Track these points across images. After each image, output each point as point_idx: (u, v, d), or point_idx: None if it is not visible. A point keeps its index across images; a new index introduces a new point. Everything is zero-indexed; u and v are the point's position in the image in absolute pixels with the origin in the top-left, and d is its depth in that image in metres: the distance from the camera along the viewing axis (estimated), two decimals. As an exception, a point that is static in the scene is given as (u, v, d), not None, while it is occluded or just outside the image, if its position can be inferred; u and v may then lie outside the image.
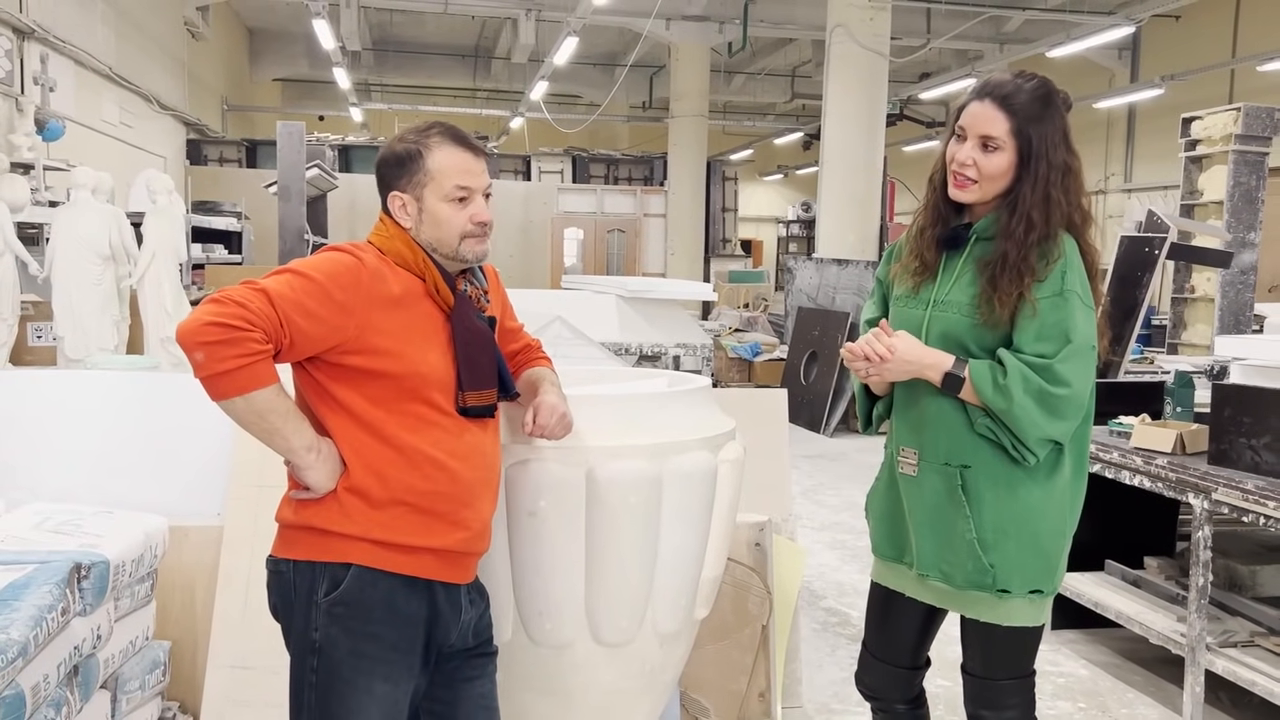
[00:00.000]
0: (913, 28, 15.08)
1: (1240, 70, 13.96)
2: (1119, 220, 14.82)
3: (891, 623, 2.25)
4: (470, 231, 1.90)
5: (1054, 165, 1.97)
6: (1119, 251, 4.95)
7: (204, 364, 1.69)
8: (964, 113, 2.02)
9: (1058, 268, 1.96)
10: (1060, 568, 2.08)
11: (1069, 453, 2.04)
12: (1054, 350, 1.92)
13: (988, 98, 1.98)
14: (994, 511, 2.00)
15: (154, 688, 2.60)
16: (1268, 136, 7.93)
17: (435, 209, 1.89)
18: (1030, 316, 1.95)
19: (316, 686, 1.83)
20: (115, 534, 2.39)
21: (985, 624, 2.08)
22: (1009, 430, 1.95)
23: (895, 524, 2.19)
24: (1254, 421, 3.20)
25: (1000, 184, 1.99)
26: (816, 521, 5.99)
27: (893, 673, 2.27)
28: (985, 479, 2.01)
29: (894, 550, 2.20)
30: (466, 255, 1.92)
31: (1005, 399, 1.92)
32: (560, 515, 2.09)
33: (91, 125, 11.75)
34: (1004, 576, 2.01)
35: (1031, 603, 2.05)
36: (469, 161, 1.90)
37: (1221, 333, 7.74)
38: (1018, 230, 1.96)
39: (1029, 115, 1.96)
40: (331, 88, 20.63)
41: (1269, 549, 3.94)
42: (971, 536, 2.00)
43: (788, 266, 11.36)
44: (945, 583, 2.07)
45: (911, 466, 2.10)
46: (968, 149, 1.99)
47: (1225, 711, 3.46)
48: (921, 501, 2.09)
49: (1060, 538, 2.06)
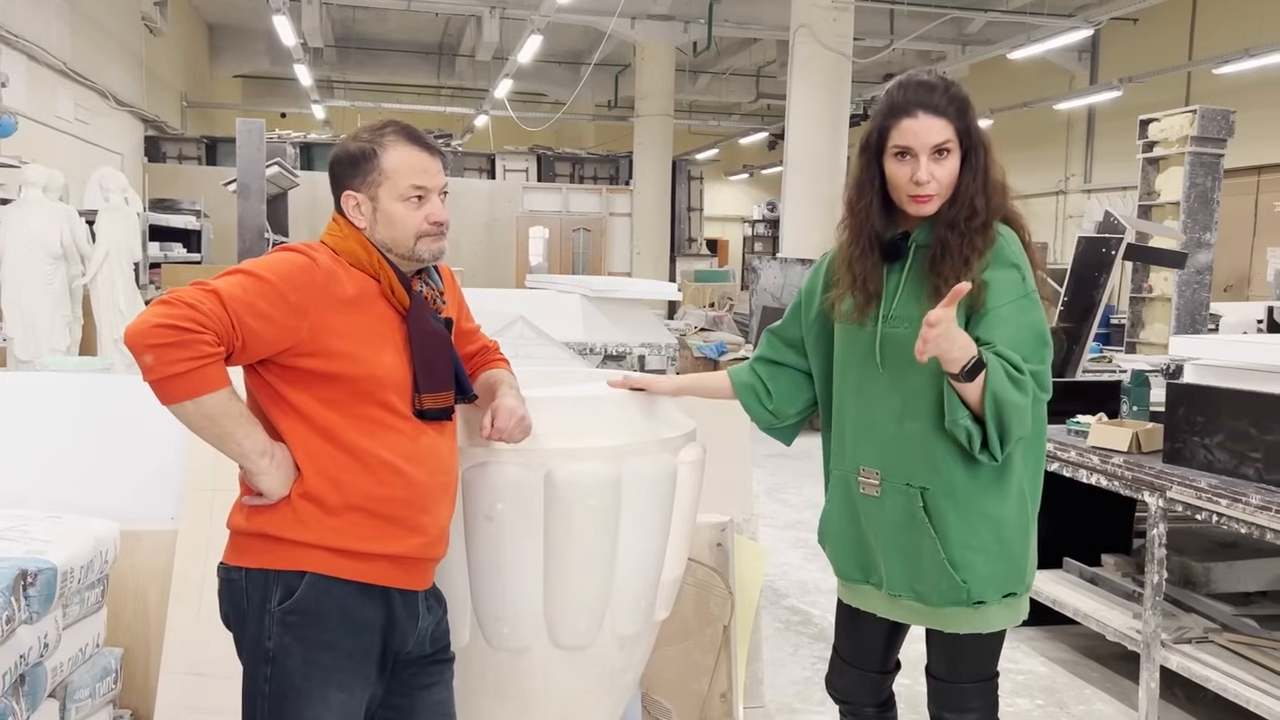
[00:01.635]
0: (876, 29, 15.17)
1: (1196, 73, 14.19)
2: (1079, 220, 15.03)
3: (861, 632, 2.24)
4: (426, 231, 1.88)
5: (987, 151, 1.98)
6: (1076, 251, 5.01)
7: (153, 367, 1.66)
8: (897, 132, 1.95)
9: (1011, 269, 1.95)
10: (1029, 565, 2.08)
11: (1023, 451, 2.02)
12: (1034, 354, 1.92)
13: (919, 110, 1.94)
14: (958, 530, 1.99)
15: (105, 695, 2.55)
16: (1223, 139, 8.06)
17: (390, 209, 1.86)
18: (999, 322, 1.92)
19: (270, 696, 1.79)
20: (63, 539, 2.34)
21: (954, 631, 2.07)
22: (998, 427, 1.87)
23: (858, 546, 2.14)
24: (1207, 420, 3.24)
25: (951, 187, 1.99)
26: (780, 520, 6.01)
27: (863, 677, 2.26)
28: (945, 498, 1.99)
29: (859, 573, 2.17)
30: (422, 254, 1.89)
31: (1023, 393, 1.86)
32: (518, 518, 2.07)
33: (45, 121, 11.54)
34: (978, 590, 2.00)
35: (1008, 606, 2.06)
36: (424, 160, 1.87)
37: (1178, 332, 7.85)
38: (960, 218, 1.95)
39: (961, 110, 1.96)
40: (293, 84, 20.42)
41: (1222, 546, 4.00)
42: (941, 557, 1.99)
43: (753, 266, 11.40)
44: (919, 601, 2.05)
45: (874, 487, 2.06)
46: (925, 165, 1.94)
47: (1180, 707, 3.51)
48: (886, 522, 2.06)
49: (1024, 538, 2.05)
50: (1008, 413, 1.86)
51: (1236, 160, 10.43)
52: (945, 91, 1.96)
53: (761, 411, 2.29)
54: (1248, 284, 13.65)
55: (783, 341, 2.27)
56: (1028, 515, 2.06)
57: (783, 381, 2.27)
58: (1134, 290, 8.83)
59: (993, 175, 1.99)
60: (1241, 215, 13.57)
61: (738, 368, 2.36)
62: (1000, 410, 1.85)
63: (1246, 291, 13.49)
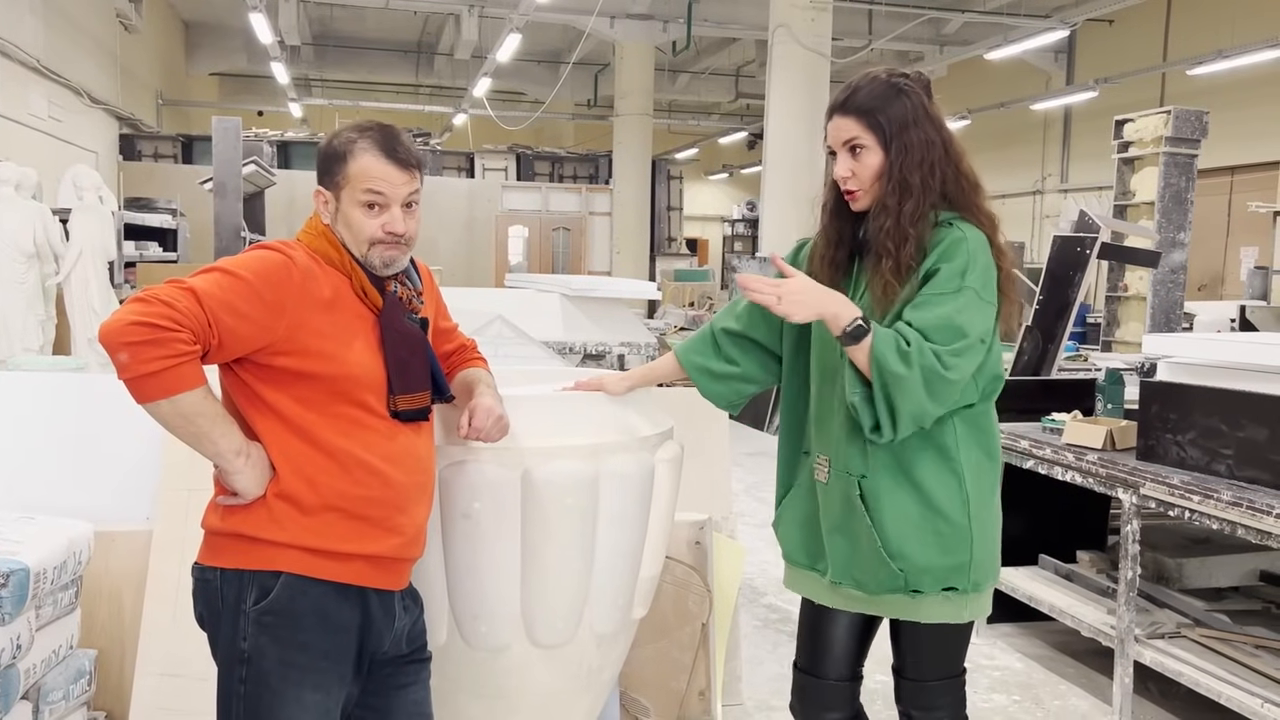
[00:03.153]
0: (854, 29, 15.23)
1: (1171, 74, 14.32)
2: (1055, 220, 15.12)
3: (823, 634, 2.21)
4: (379, 239, 1.86)
5: (915, 139, 1.98)
6: (1052, 250, 5.05)
7: (128, 365, 1.64)
8: (828, 135, 2.07)
9: (954, 263, 1.95)
10: (974, 565, 2.04)
11: (964, 445, 2.02)
12: (941, 337, 1.90)
13: (834, 112, 2.04)
14: (893, 517, 2.00)
15: (79, 697, 2.54)
16: (1197, 139, 8.15)
17: (348, 211, 1.87)
18: (918, 306, 1.94)
19: (245, 697, 1.78)
20: (36, 540, 2.32)
21: (913, 626, 2.08)
22: (886, 401, 1.89)
23: (811, 531, 2.17)
24: (1180, 418, 3.27)
25: (881, 182, 2.01)
26: (758, 519, 6.03)
27: (825, 688, 2.21)
28: (881, 487, 2.00)
29: (806, 558, 2.18)
30: (374, 261, 1.88)
31: (906, 365, 1.87)
32: (495, 517, 2.07)
33: (18, 119, 11.42)
34: (914, 579, 2.01)
35: (948, 599, 2.04)
36: (390, 172, 1.86)
37: (1153, 330, 7.93)
38: (890, 200, 1.98)
39: (874, 106, 1.99)
40: (270, 82, 20.28)
41: (1195, 542, 4.04)
42: (877, 544, 2.00)
43: (732, 265, 11.43)
44: (858, 589, 2.06)
45: (824, 473, 2.10)
46: (842, 162, 2.03)
47: (1154, 702, 3.55)
48: (830, 509, 2.09)
49: (963, 537, 2.02)
50: (890, 383, 1.87)
51: (1210, 160, 10.54)
52: (857, 92, 2.01)
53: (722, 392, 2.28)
54: (1221, 283, 13.80)
55: (760, 316, 2.23)
56: (966, 513, 2.02)
57: (751, 357, 2.26)
58: (1109, 289, 8.92)
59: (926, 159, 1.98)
60: (1215, 215, 13.71)
61: (686, 345, 2.33)
62: (884, 379, 1.88)
63: (1220, 291, 13.64)
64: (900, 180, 1.98)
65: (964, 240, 1.97)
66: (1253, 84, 12.86)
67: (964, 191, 2.03)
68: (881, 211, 1.99)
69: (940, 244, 1.97)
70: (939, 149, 2.01)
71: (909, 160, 1.98)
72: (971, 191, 2.04)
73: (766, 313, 2.22)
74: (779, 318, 2.19)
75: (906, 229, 1.96)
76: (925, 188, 1.98)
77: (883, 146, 1.99)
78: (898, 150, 1.98)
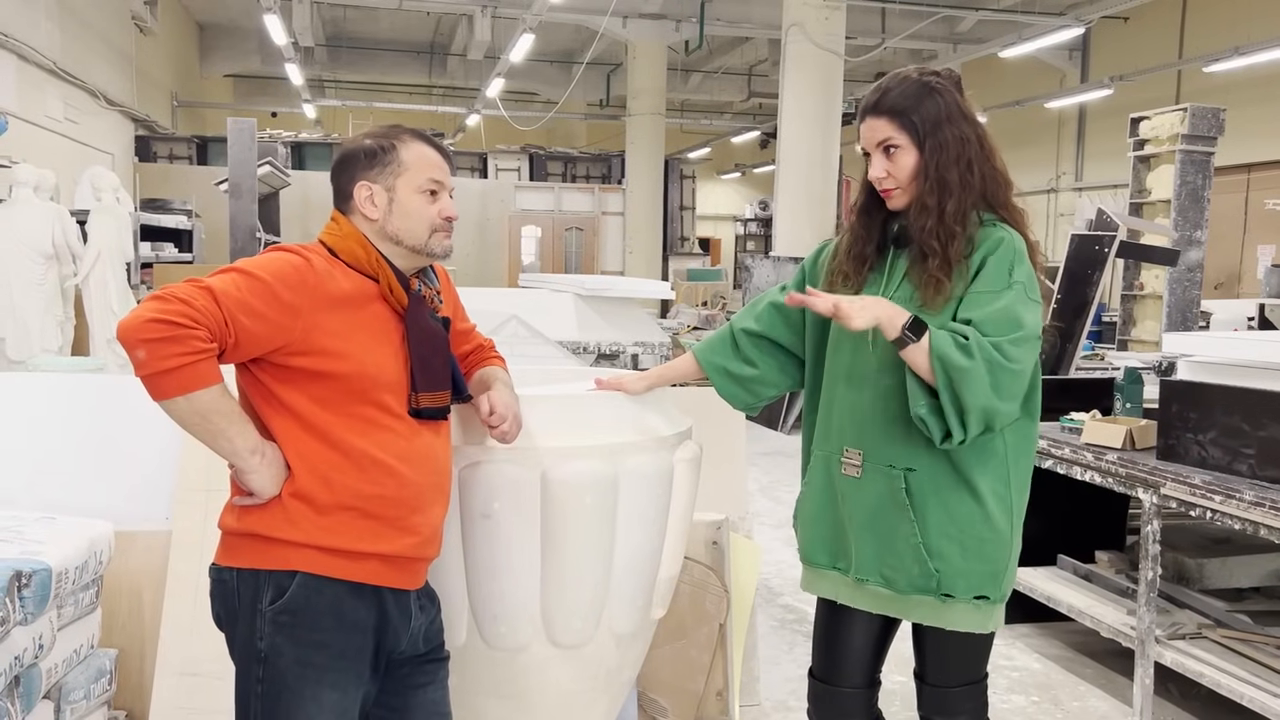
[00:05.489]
0: (868, 27, 15.19)
1: (1187, 71, 14.23)
2: (1070, 219, 15.05)
3: (840, 639, 2.19)
4: (439, 225, 1.91)
5: (949, 136, 1.98)
6: (1069, 249, 5.02)
7: (146, 362, 1.65)
8: (861, 138, 2.07)
9: (1005, 261, 1.95)
10: (1007, 576, 2.05)
11: (1013, 456, 2.02)
12: (996, 330, 1.90)
13: (867, 114, 2.04)
14: (938, 517, 1.98)
15: (100, 696, 2.54)
16: (1213, 136, 8.09)
17: (407, 200, 1.88)
18: (969, 305, 1.94)
19: (263, 697, 1.79)
20: (58, 540, 2.33)
21: (936, 631, 2.06)
22: (953, 399, 1.86)
23: (832, 529, 2.15)
24: (1200, 417, 3.25)
25: (919, 180, 2.00)
26: (774, 519, 6.01)
27: (842, 695, 2.19)
28: (929, 484, 1.99)
29: (827, 557, 2.17)
30: (434, 249, 1.92)
31: (968, 356, 1.85)
32: (514, 517, 2.07)
33: (36, 121, 11.49)
34: (949, 581, 1.99)
35: (977, 608, 2.03)
36: (439, 159, 1.93)
37: (1169, 329, 7.89)
38: (930, 199, 1.97)
39: (906, 106, 1.99)
40: (284, 84, 20.36)
41: (1215, 542, 4.01)
42: (916, 541, 1.99)
43: (745, 264, 11.39)
44: (886, 587, 2.04)
45: (855, 468, 2.06)
46: (877, 163, 2.02)
47: (1174, 703, 3.52)
48: (863, 504, 2.06)
49: (1004, 546, 2.02)
50: (956, 377, 1.85)
51: (1227, 158, 10.47)
52: (888, 93, 2.01)
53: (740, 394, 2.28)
54: (1238, 281, 13.71)
55: (782, 318, 2.23)
56: (1010, 522, 2.03)
57: (771, 359, 2.26)
58: (1125, 288, 8.86)
59: (963, 155, 1.98)
60: (1232, 213, 13.62)
61: (705, 344, 2.33)
62: (948, 374, 1.85)
63: (1237, 289, 13.55)
64: (938, 178, 1.97)
65: (1007, 240, 1.97)
66: (1270, 81, 12.77)
67: (1000, 188, 2.03)
68: (922, 211, 1.98)
69: (984, 243, 1.98)
70: (974, 145, 2.00)
71: (945, 158, 1.97)
72: (1006, 188, 2.04)
73: (789, 314, 2.22)
74: (801, 319, 2.18)
75: (952, 226, 1.96)
76: (964, 185, 1.98)
77: (917, 145, 1.99)
78: (932, 149, 1.98)
